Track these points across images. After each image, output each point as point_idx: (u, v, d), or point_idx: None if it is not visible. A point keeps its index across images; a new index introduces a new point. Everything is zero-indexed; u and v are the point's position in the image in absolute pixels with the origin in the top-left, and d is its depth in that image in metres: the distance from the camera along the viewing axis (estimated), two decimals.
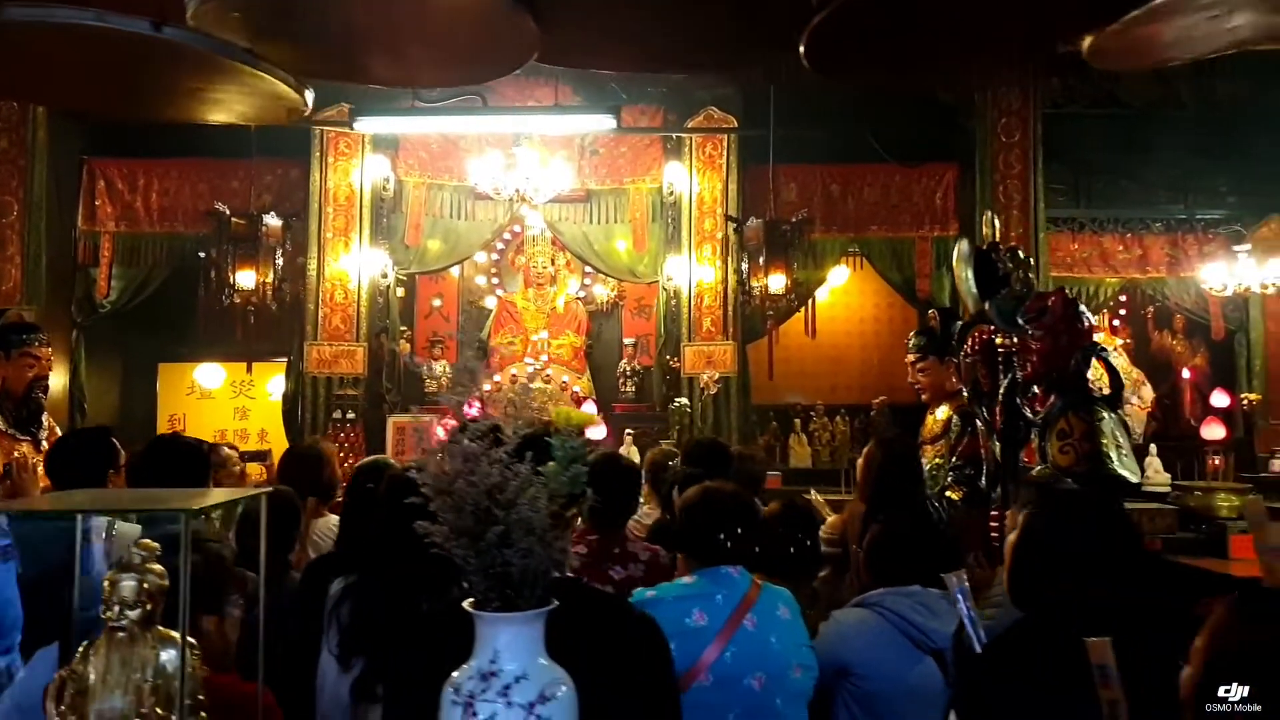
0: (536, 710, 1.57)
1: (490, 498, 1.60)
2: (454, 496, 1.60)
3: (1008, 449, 3.75)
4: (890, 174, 7.65)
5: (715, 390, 7.32)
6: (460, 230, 7.80)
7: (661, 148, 7.74)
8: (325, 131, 7.41)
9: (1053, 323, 3.86)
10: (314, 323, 7.34)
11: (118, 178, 7.45)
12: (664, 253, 7.65)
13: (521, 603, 1.63)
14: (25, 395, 4.78)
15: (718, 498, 2.82)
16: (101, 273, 7.43)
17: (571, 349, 8.15)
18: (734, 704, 2.60)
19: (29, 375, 4.79)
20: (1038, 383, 3.89)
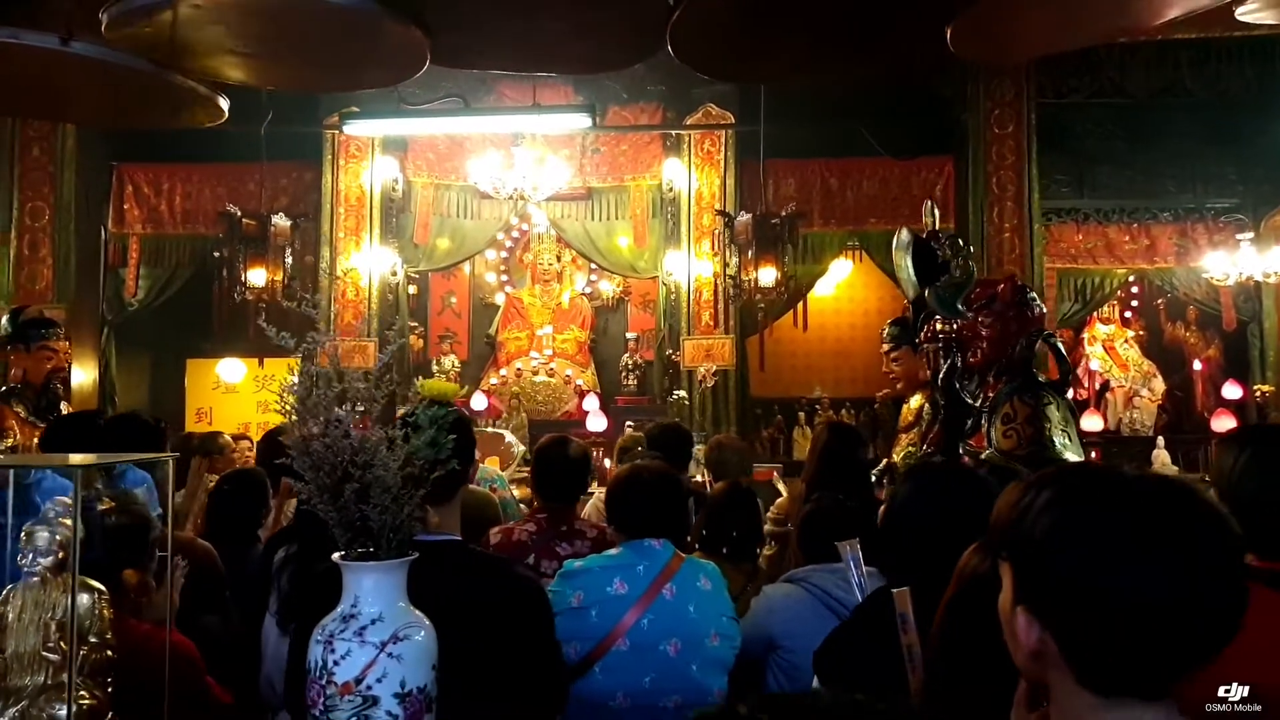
0: (388, 649, 1.75)
1: (345, 458, 1.79)
2: (312, 457, 1.79)
3: (948, 433, 3.83)
4: (889, 167, 7.71)
5: (713, 383, 7.45)
6: (466, 229, 8.03)
7: (661, 145, 7.89)
8: (336, 136, 7.68)
9: (1001, 309, 3.95)
10: (327, 320, 7.61)
11: (144, 182, 7.80)
12: (664, 248, 7.80)
13: (380, 553, 1.81)
14: (44, 385, 5.09)
15: (641, 474, 2.99)
16: (130, 273, 7.79)
17: (576, 343, 8.34)
18: (650, 668, 2.75)
19: (47, 367, 5.10)
20: (988, 368, 3.98)
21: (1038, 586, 1.06)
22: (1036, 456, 3.66)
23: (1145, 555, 0.99)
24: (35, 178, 6.85)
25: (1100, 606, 1.00)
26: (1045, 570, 1.05)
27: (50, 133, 6.84)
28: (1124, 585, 0.98)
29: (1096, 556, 1.00)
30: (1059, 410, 3.85)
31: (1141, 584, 0.98)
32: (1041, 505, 1.07)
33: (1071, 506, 1.05)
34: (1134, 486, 1.05)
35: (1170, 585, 0.98)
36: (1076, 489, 1.07)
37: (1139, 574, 0.98)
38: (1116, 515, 1.02)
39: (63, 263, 6.79)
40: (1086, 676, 1.04)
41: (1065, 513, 1.04)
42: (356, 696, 1.72)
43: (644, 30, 3.24)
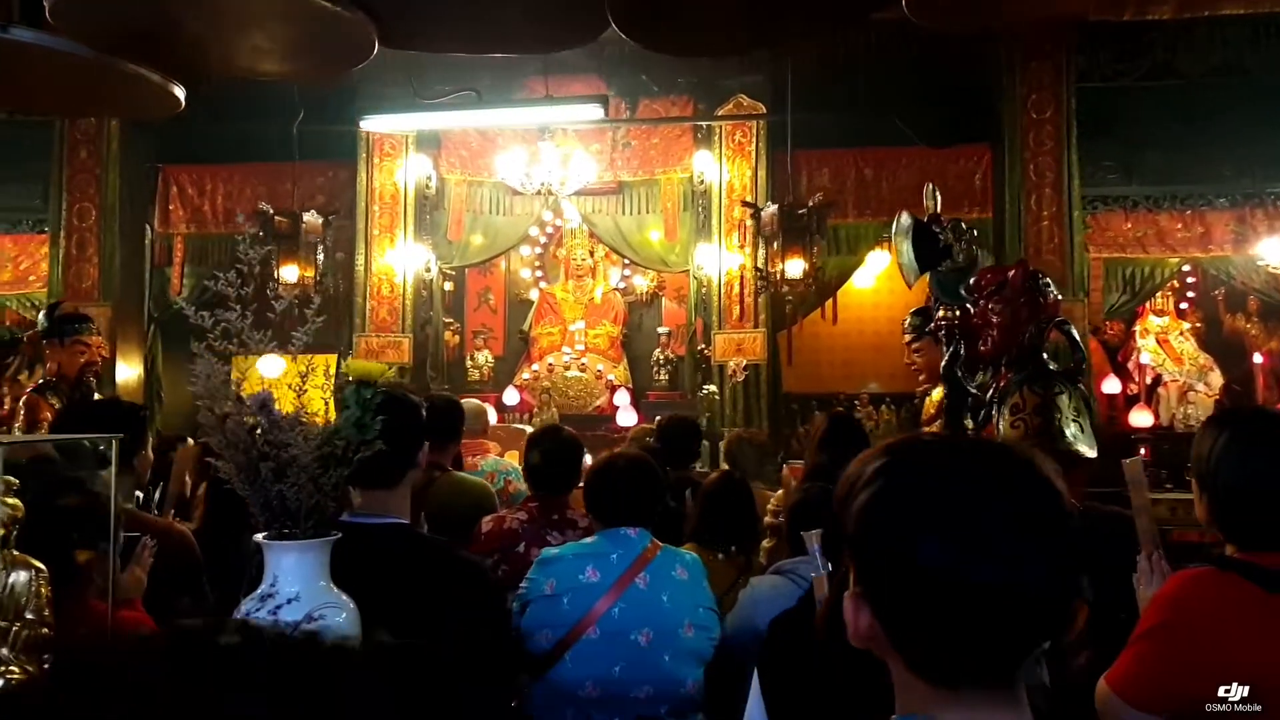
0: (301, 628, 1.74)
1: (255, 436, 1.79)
2: (226, 435, 1.79)
3: (951, 425, 3.72)
4: (925, 157, 7.53)
5: (743, 377, 7.36)
6: (499, 225, 8.07)
7: (692, 137, 7.84)
8: (370, 135, 7.79)
9: (1012, 296, 3.82)
10: (362, 315, 7.73)
11: (188, 183, 8.01)
12: (694, 241, 7.74)
13: (298, 533, 1.81)
14: (78, 379, 5.26)
15: (616, 463, 2.95)
16: (175, 272, 8.01)
17: (608, 339, 8.32)
18: (620, 657, 2.72)
19: (80, 361, 5.27)
20: (999, 357, 3.85)
21: (861, 566, 1.00)
22: (1043, 448, 3.52)
23: (958, 528, 0.92)
24: (82, 179, 7.08)
25: (914, 584, 0.93)
26: (864, 547, 0.99)
27: (96, 135, 7.06)
28: (936, 561, 0.91)
29: (907, 529, 0.94)
30: (1071, 400, 3.71)
31: (955, 560, 0.91)
32: (867, 477, 1.01)
33: (889, 476, 0.98)
34: (958, 454, 0.98)
35: (986, 562, 0.91)
36: (899, 457, 1.01)
37: (951, 549, 0.91)
38: (931, 484, 0.96)
39: (108, 262, 7.00)
40: (915, 663, 0.97)
41: (883, 483, 0.98)
42: None
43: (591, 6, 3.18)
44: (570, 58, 7.44)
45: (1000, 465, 0.98)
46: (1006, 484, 0.95)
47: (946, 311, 3.71)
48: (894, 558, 0.94)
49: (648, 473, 2.96)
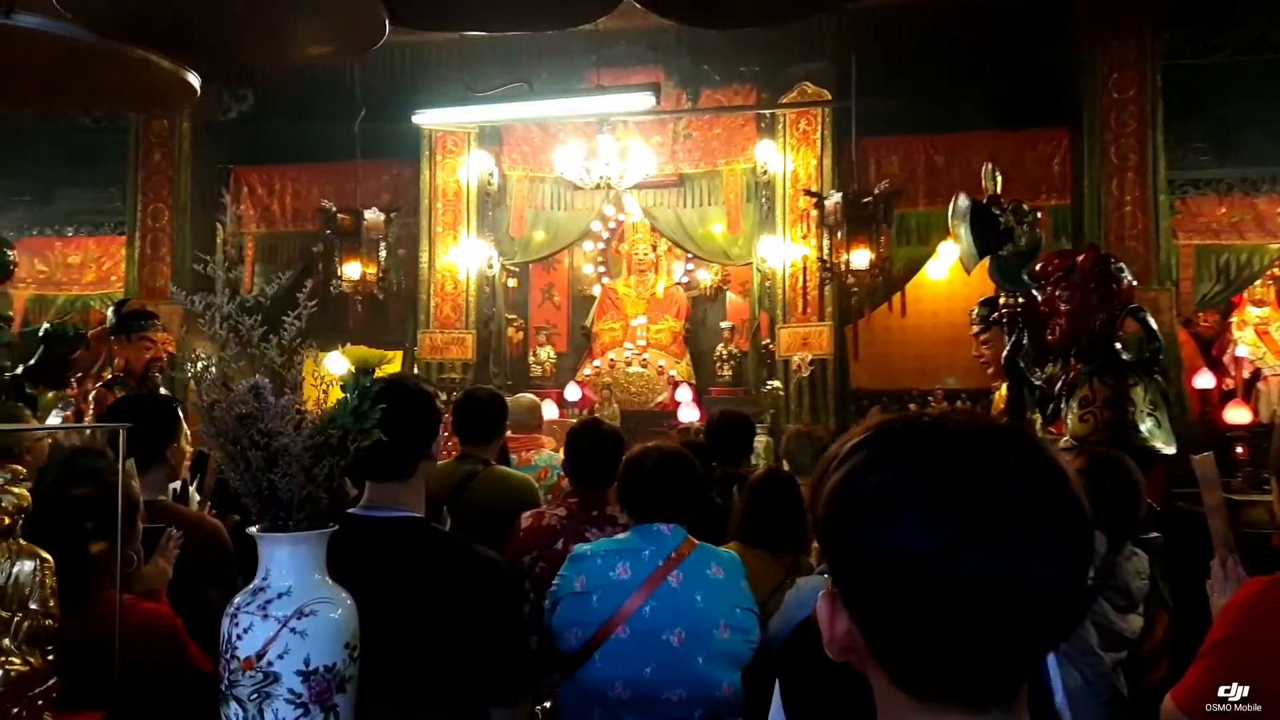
0: (291, 624, 1.67)
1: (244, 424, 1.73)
2: (214, 423, 1.74)
3: (1012, 419, 3.50)
4: (1000, 141, 7.22)
5: (808, 372, 7.17)
6: (560, 220, 8.03)
7: (755, 127, 7.67)
8: (434, 132, 7.82)
9: (1081, 281, 3.59)
10: (426, 312, 7.77)
11: (258, 183, 8.17)
12: (758, 233, 7.57)
13: (290, 524, 1.74)
14: (143, 374, 5.38)
15: (649, 456, 2.83)
16: (246, 271, 8.17)
17: (670, 334, 8.20)
18: (650, 658, 2.61)
19: (146, 356, 5.39)
20: (1067, 347, 3.62)
21: (834, 559, 0.87)
22: (1116, 443, 3.29)
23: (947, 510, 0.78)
24: (156, 181, 7.28)
25: (896, 578, 0.79)
26: (836, 534, 0.86)
27: (169, 138, 7.25)
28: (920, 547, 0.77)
29: (888, 511, 0.80)
30: (1147, 393, 3.47)
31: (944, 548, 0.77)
32: (842, 456, 0.87)
33: (869, 451, 0.85)
34: (952, 431, 0.84)
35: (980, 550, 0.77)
36: (882, 432, 0.87)
37: (939, 535, 0.77)
38: (917, 461, 0.82)
39: (179, 260, 7.17)
40: (899, 676, 0.84)
41: (862, 458, 0.85)
42: (257, 673, 1.66)
43: None
44: (629, 49, 7.37)
45: (1000, 444, 0.84)
46: (1007, 464, 0.81)
47: (1008, 298, 3.49)
48: (871, 547, 0.81)
49: (683, 467, 2.83)
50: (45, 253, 8.44)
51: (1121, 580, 2.73)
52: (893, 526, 0.80)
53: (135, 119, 7.26)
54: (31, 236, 8.43)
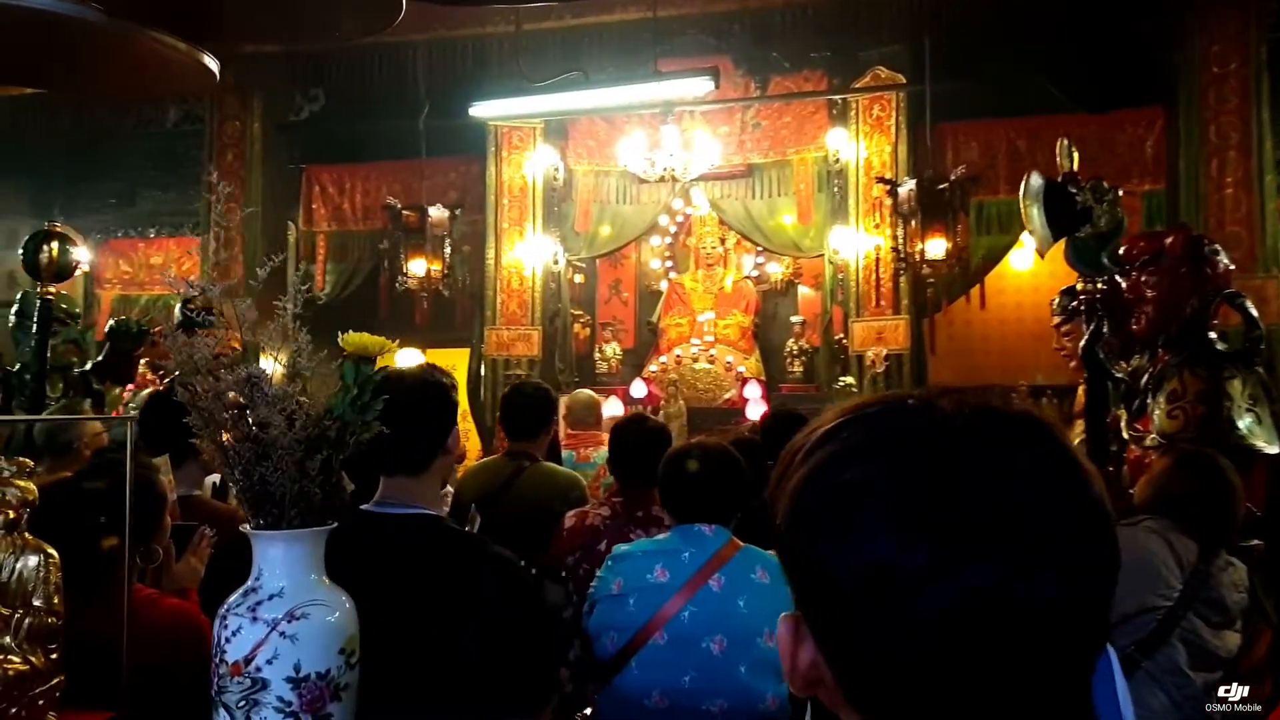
0: (280, 627, 1.58)
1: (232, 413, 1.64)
2: (200, 412, 1.65)
3: (1091, 415, 3.24)
4: (1088, 124, 6.83)
5: (882, 369, 6.90)
6: (626, 214, 7.91)
7: (826, 114, 7.42)
8: (499, 128, 7.78)
9: (1170, 265, 3.30)
10: (493, 308, 7.73)
11: (329, 182, 8.25)
12: (830, 224, 7.33)
13: (284, 521, 1.65)
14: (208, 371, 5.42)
15: (689, 454, 2.68)
16: (318, 268, 8.27)
17: (739, 329, 8.01)
18: (690, 666, 2.46)
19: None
20: (1154, 336, 3.34)
21: (795, 576, 0.71)
22: (1210, 441, 3.01)
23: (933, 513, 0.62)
24: (231, 180, 7.40)
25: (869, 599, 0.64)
26: (797, 545, 0.70)
27: (241, 138, 7.37)
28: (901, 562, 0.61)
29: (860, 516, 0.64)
30: (1245, 386, 3.17)
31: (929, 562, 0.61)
32: (807, 449, 0.72)
33: (837, 443, 0.69)
34: (941, 415, 0.68)
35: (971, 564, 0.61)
36: (853, 419, 0.71)
37: (924, 547, 0.61)
38: (887, 457, 0.66)
39: (251, 259, 7.27)
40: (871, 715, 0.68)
41: (828, 452, 0.69)
42: (245, 678, 1.56)
43: None
44: (694, 39, 7.21)
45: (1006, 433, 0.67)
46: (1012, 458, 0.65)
47: (1086, 284, 3.23)
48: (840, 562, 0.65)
49: (727, 464, 2.67)
50: (130, 254, 8.69)
51: (1215, 593, 2.48)
52: (867, 536, 0.64)
53: (211, 120, 7.40)
54: (117, 238, 8.69)
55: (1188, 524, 2.55)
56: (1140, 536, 2.56)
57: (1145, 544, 2.54)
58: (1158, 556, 2.52)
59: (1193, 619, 2.45)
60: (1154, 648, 2.43)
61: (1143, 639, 2.45)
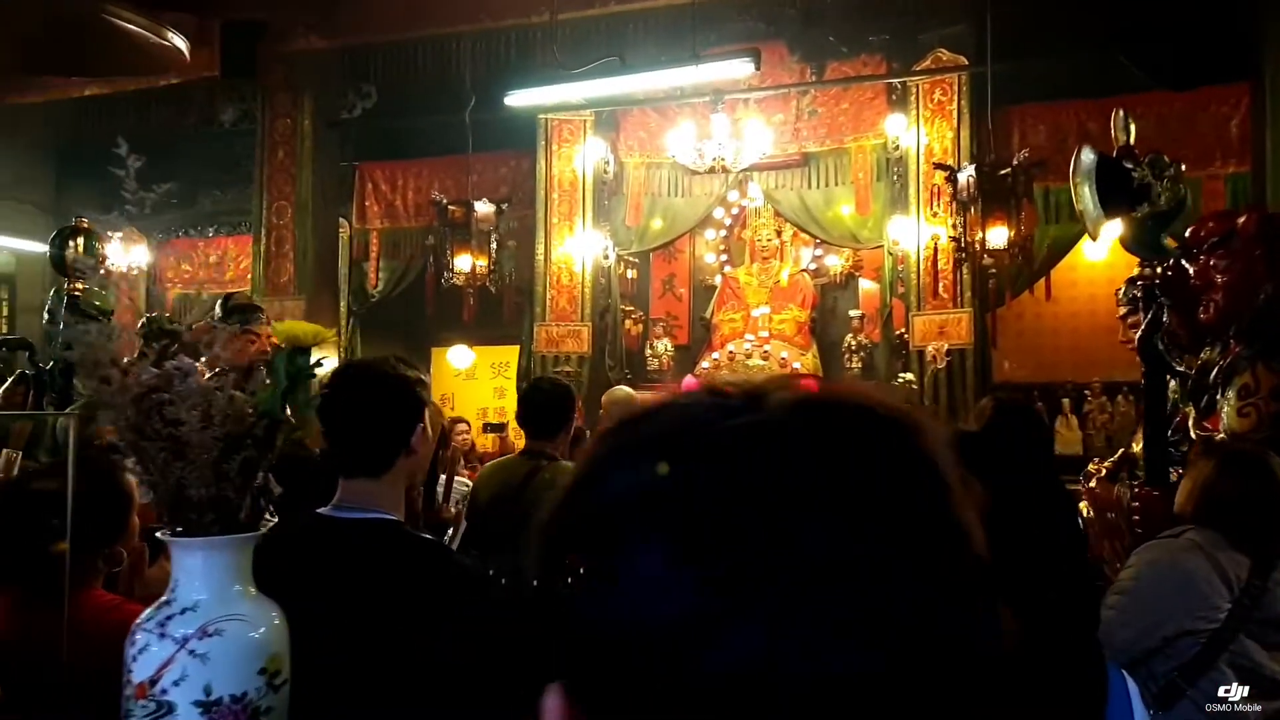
0: (191, 645, 1.43)
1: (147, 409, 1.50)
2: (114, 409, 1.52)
3: (1149, 410, 2.94)
4: (1167, 103, 6.40)
5: (944, 364, 6.57)
6: (678, 207, 7.72)
7: (885, 100, 7.11)
8: (549, 121, 7.66)
9: (1242, 248, 2.98)
10: (542, 304, 7.62)
11: (381, 179, 8.25)
12: (889, 214, 7.02)
13: (202, 527, 1.51)
14: (249, 369, 5.39)
15: None
16: (371, 266, 8.28)
17: (795, 324, 7.73)
18: None
19: (251, 351, 5.40)
20: (1224, 326, 3.02)
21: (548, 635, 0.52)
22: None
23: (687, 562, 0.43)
24: (279, 179, 7.43)
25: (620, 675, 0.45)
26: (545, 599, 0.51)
27: (292, 136, 7.39)
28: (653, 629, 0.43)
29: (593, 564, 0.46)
30: None
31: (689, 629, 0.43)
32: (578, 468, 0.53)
33: (590, 462, 0.51)
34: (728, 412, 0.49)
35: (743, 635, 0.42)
36: (626, 425, 0.53)
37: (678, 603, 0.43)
38: (647, 472, 0.47)
39: (301, 257, 7.29)
40: None
41: (581, 473, 0.51)
42: (150, 701, 1.42)
43: None
44: (746, 24, 6.98)
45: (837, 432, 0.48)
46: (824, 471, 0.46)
47: (1143, 269, 2.93)
48: (585, 614, 0.47)
49: None
50: (190, 253, 8.84)
51: (1273, 611, 2.19)
52: (615, 584, 0.45)
53: (262, 119, 7.43)
54: (178, 238, 8.84)
55: (1238, 534, 2.26)
56: (1179, 552, 2.29)
57: (1183, 561, 2.27)
58: (1199, 574, 2.25)
59: (1244, 641, 2.17)
60: (1198, 673, 2.15)
61: (1185, 664, 2.18)
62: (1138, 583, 2.36)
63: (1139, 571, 2.37)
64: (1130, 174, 2.97)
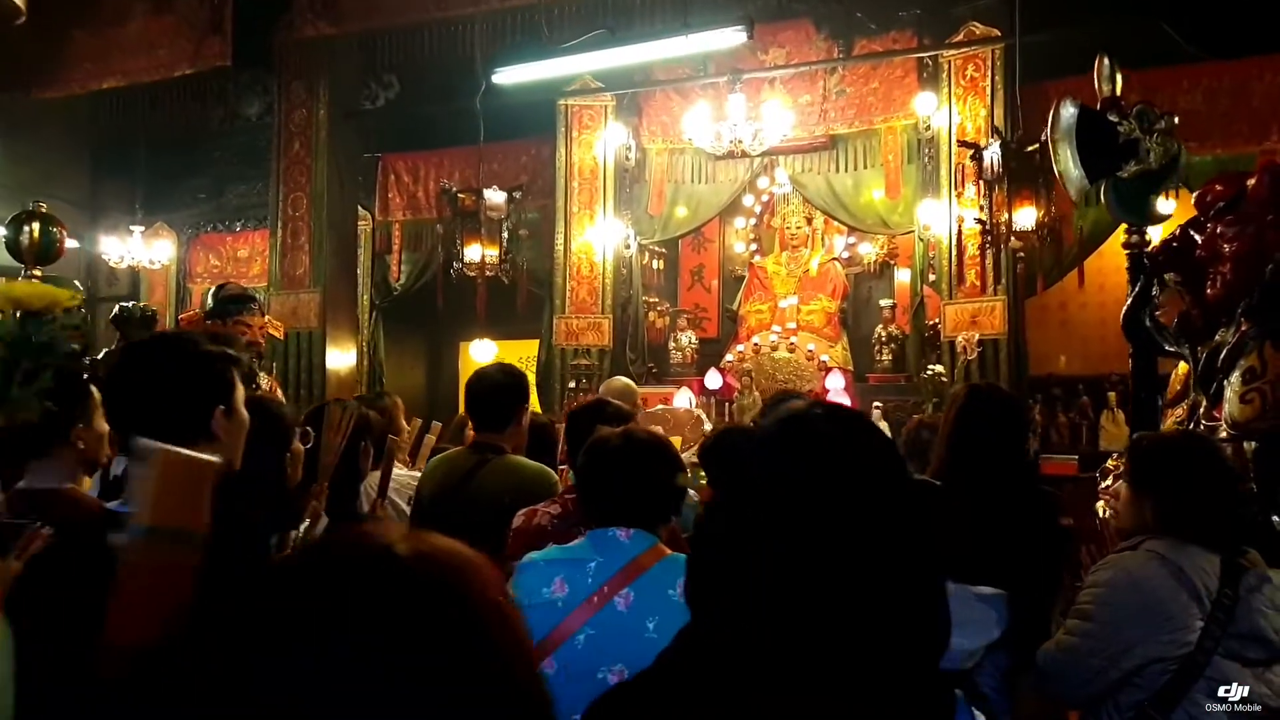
0: None
1: None
2: None
3: (1136, 393, 2.60)
4: (1216, 75, 5.92)
5: (974, 355, 6.18)
6: (701, 194, 7.45)
7: (916, 78, 6.73)
8: (570, 107, 7.47)
9: (1254, 212, 2.61)
10: (562, 296, 7.43)
11: (404, 171, 8.16)
12: (920, 198, 6.64)
13: None
14: None
15: (608, 444, 2.25)
16: (394, 258, 8.20)
17: (824, 315, 7.39)
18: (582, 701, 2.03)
19: (243, 341, 5.32)
20: (1232, 302, 2.65)
21: None
22: None
23: None
24: (295, 171, 7.35)
25: None
26: None
27: (307, 127, 7.32)
28: None
29: None
30: None
31: None
32: None
33: None
34: None
35: None
36: None
37: None
38: None
39: (318, 249, 7.21)
40: None
41: None
42: None
43: None
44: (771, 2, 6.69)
45: None
46: None
47: (1131, 235, 2.60)
48: None
49: (655, 456, 2.23)
50: (218, 247, 8.87)
51: (1249, 623, 1.87)
52: None
53: (278, 110, 7.38)
54: (206, 233, 8.88)
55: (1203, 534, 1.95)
56: (1138, 568, 1.98)
57: (1144, 579, 1.96)
58: (1163, 591, 1.93)
59: (1221, 663, 1.84)
60: (1172, 703, 1.84)
61: (1156, 693, 1.87)
62: (1095, 607, 2.05)
63: (1096, 594, 2.06)
64: (1116, 128, 2.63)
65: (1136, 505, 2.12)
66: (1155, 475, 2.09)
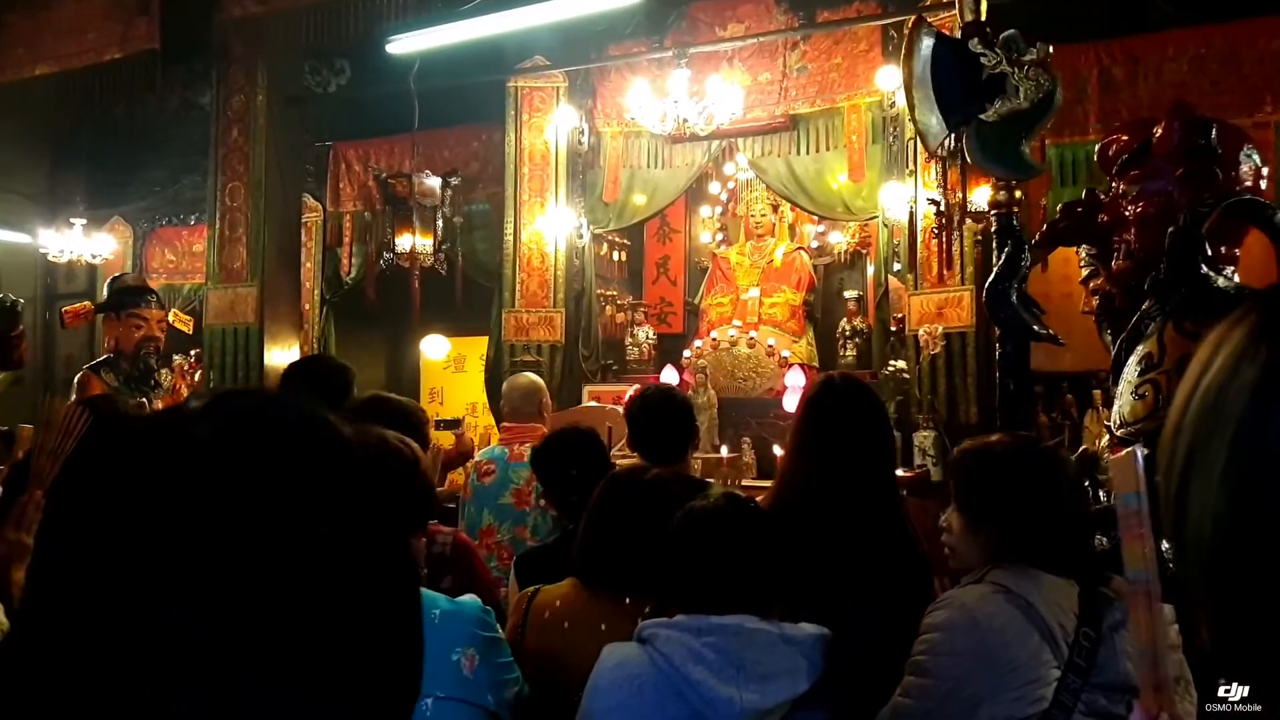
0: None
1: None
2: None
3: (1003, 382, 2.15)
4: (1206, 39, 5.40)
5: (938, 349, 5.71)
6: (658, 179, 7.02)
7: (880, 51, 6.26)
8: (519, 90, 7.08)
9: (1163, 166, 2.16)
10: (511, 289, 7.03)
11: (355, 160, 7.82)
12: (884, 180, 6.17)
13: None
14: (135, 354, 5.00)
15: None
16: (344, 251, 7.85)
17: (788, 308, 6.92)
18: None
19: (137, 336, 5.01)
20: (1141, 278, 2.20)
21: None
22: None
23: None
24: (233, 159, 7.00)
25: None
26: None
27: (245, 114, 6.98)
28: None
29: None
30: None
31: None
32: None
33: None
34: None
35: None
36: None
37: None
38: None
39: (255, 241, 6.87)
40: None
41: None
42: None
43: None
44: None
45: None
46: None
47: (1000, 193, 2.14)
48: None
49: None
50: (174, 242, 8.59)
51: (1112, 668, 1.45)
52: None
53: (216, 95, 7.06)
54: (162, 226, 8.60)
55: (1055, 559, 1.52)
56: (979, 607, 1.55)
57: (987, 620, 1.54)
58: (1009, 633, 1.51)
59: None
60: None
61: None
62: (930, 659, 1.63)
63: (931, 642, 1.64)
64: (978, 60, 2.18)
65: (973, 537, 1.70)
66: (989, 496, 1.66)
